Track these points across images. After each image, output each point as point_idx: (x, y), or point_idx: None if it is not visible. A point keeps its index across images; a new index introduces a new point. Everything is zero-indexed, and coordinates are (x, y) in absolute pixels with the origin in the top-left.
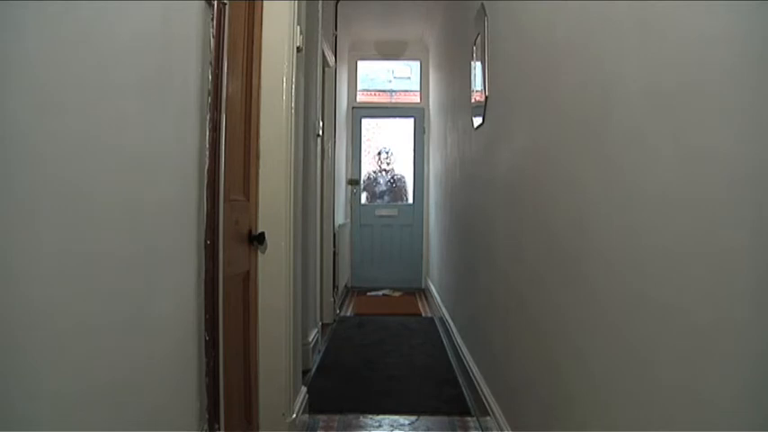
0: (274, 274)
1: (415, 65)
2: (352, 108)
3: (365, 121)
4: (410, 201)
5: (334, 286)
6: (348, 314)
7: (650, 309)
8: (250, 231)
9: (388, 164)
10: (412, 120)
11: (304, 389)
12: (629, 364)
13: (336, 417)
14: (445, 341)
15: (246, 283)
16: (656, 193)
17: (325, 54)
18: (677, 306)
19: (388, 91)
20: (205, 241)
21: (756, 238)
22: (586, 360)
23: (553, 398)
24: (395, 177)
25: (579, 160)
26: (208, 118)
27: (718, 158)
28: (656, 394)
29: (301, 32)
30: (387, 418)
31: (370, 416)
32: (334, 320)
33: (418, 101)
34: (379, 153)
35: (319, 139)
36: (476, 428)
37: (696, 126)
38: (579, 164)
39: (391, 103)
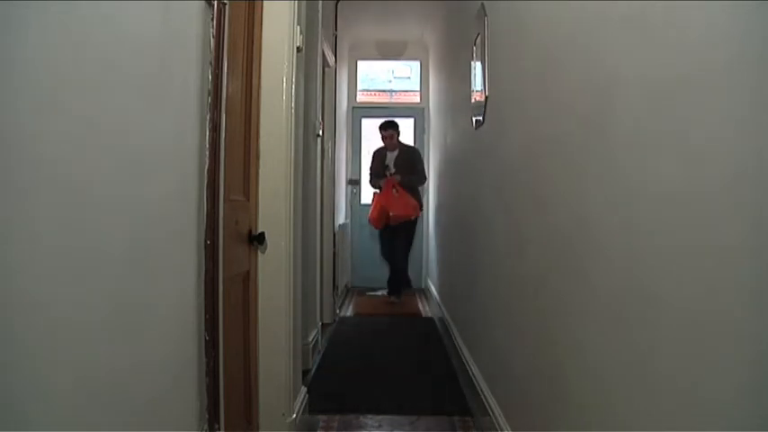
0: (274, 274)
1: (415, 65)
2: (352, 108)
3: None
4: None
5: (334, 286)
6: (348, 314)
7: (652, 307)
8: (250, 231)
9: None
10: (412, 120)
11: (304, 389)
12: (631, 365)
13: (336, 417)
14: (445, 341)
15: (246, 283)
16: (656, 190)
17: (325, 54)
18: (678, 304)
19: (388, 91)
20: (205, 241)
21: (756, 234)
22: (587, 360)
23: (553, 398)
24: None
25: (580, 159)
26: (208, 118)
27: (719, 155)
28: (656, 395)
29: (301, 32)
30: (387, 418)
31: (370, 416)
32: (334, 320)
33: (418, 101)
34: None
35: (319, 139)
36: (476, 428)
37: (697, 124)
38: (580, 162)
39: (391, 103)
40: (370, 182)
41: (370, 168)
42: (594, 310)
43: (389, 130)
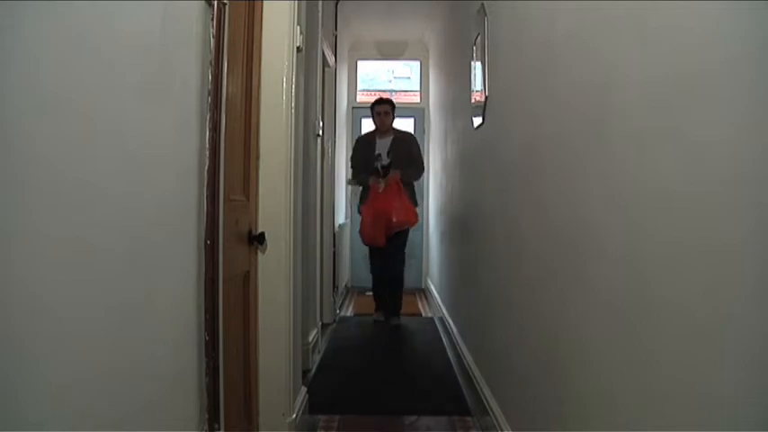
0: (274, 274)
1: (415, 65)
2: (352, 108)
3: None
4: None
5: (334, 286)
6: (348, 314)
7: (654, 306)
8: (250, 231)
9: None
10: (412, 120)
11: (304, 389)
12: (633, 364)
13: (336, 417)
14: (445, 341)
15: (246, 283)
16: (656, 187)
17: (325, 54)
18: (678, 303)
19: (388, 91)
20: (205, 241)
21: (757, 232)
22: (589, 360)
23: (554, 398)
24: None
25: (580, 158)
26: (208, 118)
27: (719, 154)
28: (658, 396)
29: (301, 32)
30: (386, 418)
31: (370, 416)
32: (334, 320)
33: (418, 101)
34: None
35: (319, 139)
36: (476, 428)
37: (697, 122)
38: (581, 161)
39: None
40: (354, 179)
41: (353, 160)
42: (596, 309)
43: (384, 105)
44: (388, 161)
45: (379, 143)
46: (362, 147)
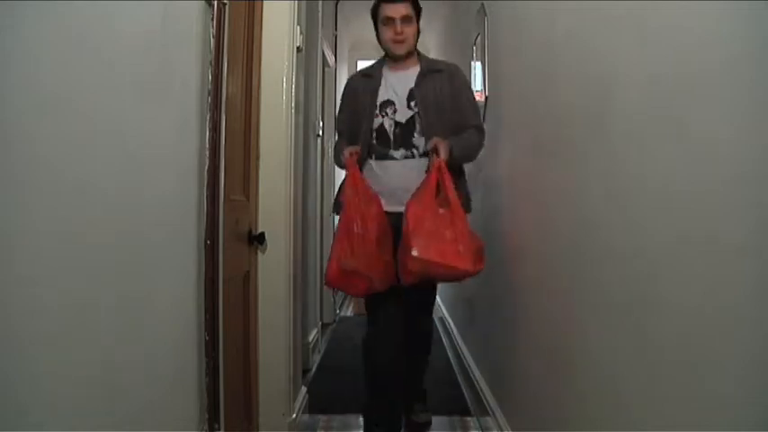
0: (274, 274)
1: None
2: None
3: None
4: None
5: None
6: (348, 314)
7: (653, 306)
8: (250, 231)
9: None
10: None
11: (304, 389)
12: (632, 364)
13: (336, 417)
14: (445, 341)
15: (246, 283)
16: (657, 187)
17: (325, 54)
18: (679, 303)
19: None
20: (205, 241)
21: (757, 232)
22: (587, 359)
23: (554, 398)
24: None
25: (580, 158)
26: (208, 118)
27: (719, 153)
28: (657, 394)
29: (301, 32)
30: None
31: None
32: (334, 320)
33: None
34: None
35: (319, 139)
36: (476, 428)
37: (697, 122)
38: (580, 161)
39: None
40: (335, 156)
41: (340, 120)
42: (596, 308)
43: (402, 3)
44: (409, 114)
45: (388, 80)
46: (356, 90)
